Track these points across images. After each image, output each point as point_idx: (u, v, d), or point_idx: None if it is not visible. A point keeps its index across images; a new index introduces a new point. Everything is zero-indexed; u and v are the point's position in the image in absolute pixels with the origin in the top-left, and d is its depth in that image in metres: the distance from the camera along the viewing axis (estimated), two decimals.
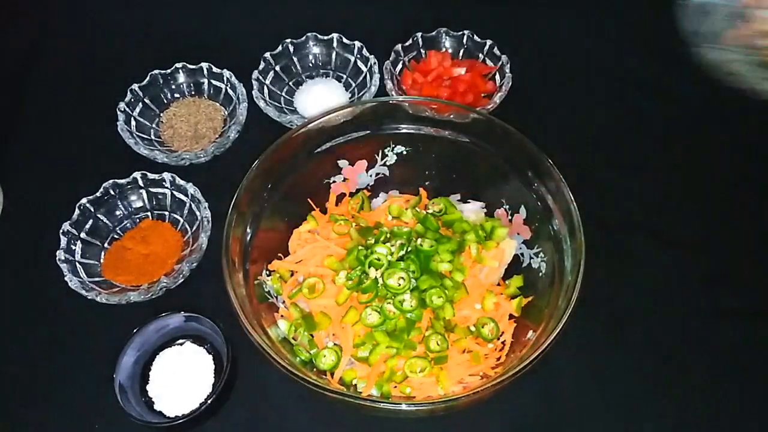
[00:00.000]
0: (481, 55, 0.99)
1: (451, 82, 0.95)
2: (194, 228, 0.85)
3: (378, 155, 0.83)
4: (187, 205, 0.86)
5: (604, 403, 0.75)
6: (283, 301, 0.76)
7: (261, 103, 0.93)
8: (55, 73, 1.05)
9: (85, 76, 1.04)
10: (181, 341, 0.76)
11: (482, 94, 0.96)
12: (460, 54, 1.00)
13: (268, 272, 0.77)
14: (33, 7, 1.14)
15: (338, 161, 0.82)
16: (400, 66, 0.97)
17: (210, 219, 0.83)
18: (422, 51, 0.99)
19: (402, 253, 0.73)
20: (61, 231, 0.81)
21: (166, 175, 0.86)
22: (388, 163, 0.83)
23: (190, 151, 0.92)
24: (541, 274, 0.75)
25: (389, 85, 0.93)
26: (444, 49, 1.00)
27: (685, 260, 0.85)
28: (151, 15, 1.13)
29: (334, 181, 0.83)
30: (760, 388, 0.76)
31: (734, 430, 0.74)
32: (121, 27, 1.12)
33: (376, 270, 0.72)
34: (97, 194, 0.84)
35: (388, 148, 0.82)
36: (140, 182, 0.87)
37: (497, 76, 0.96)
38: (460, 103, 0.91)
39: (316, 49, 1.01)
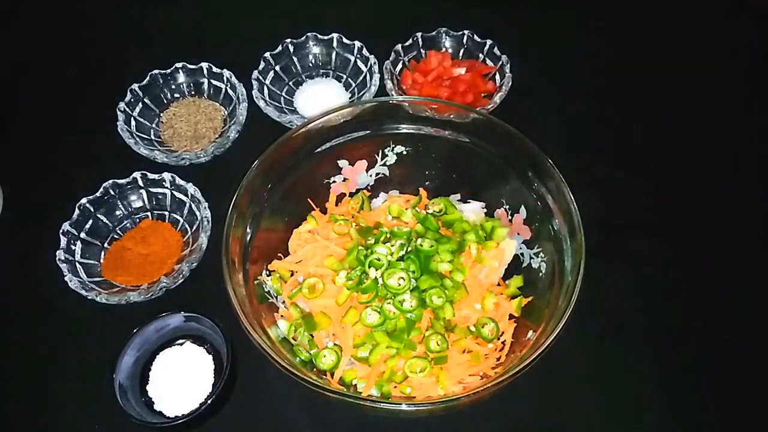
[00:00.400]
0: (481, 55, 0.99)
1: (451, 82, 0.95)
2: (194, 228, 0.85)
3: (378, 155, 0.83)
4: (187, 205, 0.86)
5: (604, 403, 0.75)
6: (283, 301, 0.76)
7: (261, 103, 0.93)
8: (54, 73, 1.05)
9: (85, 76, 1.04)
10: (181, 341, 0.76)
11: (482, 94, 0.96)
12: (460, 54, 1.00)
13: (268, 272, 0.77)
14: (33, 7, 1.14)
15: (338, 161, 0.82)
16: (400, 66, 0.97)
17: (210, 219, 0.83)
18: (422, 51, 0.99)
19: (402, 253, 0.73)
20: (61, 231, 0.81)
21: (166, 175, 0.86)
22: (388, 163, 0.83)
23: (190, 151, 0.92)
24: (541, 274, 0.75)
25: (389, 85, 0.93)
26: (444, 49, 1.00)
27: (685, 260, 0.85)
28: (151, 14, 1.13)
29: (334, 181, 0.83)
30: (761, 387, 0.76)
31: (734, 430, 0.74)
32: (121, 27, 1.12)
33: (376, 270, 0.72)
34: (97, 194, 0.84)
35: (388, 148, 0.82)
36: (140, 182, 0.87)
37: (497, 76, 0.96)
38: (460, 103, 0.91)
39: (316, 49, 1.01)
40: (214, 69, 0.97)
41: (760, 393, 0.76)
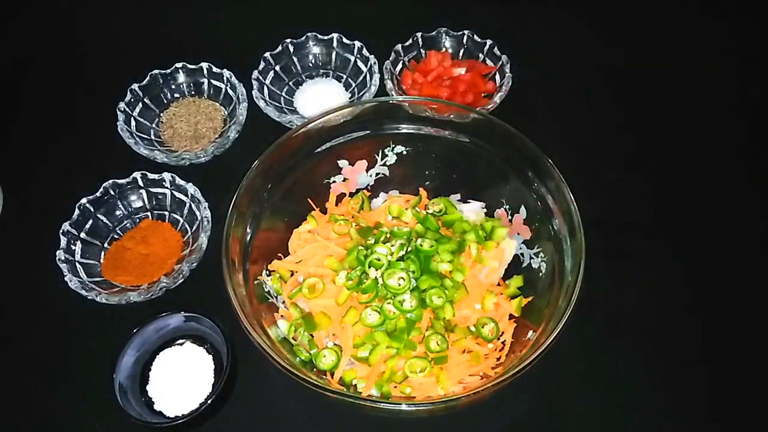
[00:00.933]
0: (481, 55, 0.99)
1: (451, 82, 0.95)
2: (194, 228, 0.85)
3: (378, 155, 0.83)
4: (187, 205, 0.86)
5: (603, 403, 0.75)
6: (283, 301, 0.76)
7: (261, 103, 0.93)
8: (54, 73, 1.05)
9: (85, 76, 1.04)
10: (181, 341, 0.76)
11: (482, 94, 0.95)
12: (460, 54, 1.00)
13: (268, 272, 0.77)
14: (32, 6, 1.14)
15: (338, 161, 0.82)
16: (400, 66, 0.97)
17: (210, 219, 0.83)
18: (422, 51, 0.99)
19: (402, 253, 0.73)
20: (61, 231, 0.81)
21: (166, 175, 0.86)
22: (388, 163, 0.83)
23: (190, 151, 0.92)
24: (541, 274, 0.75)
25: (389, 85, 0.93)
26: (444, 49, 1.00)
27: (685, 260, 0.85)
28: (151, 15, 1.13)
29: (334, 181, 0.83)
30: (761, 387, 0.76)
31: (734, 430, 0.74)
32: (121, 27, 1.12)
33: (376, 270, 0.72)
34: (97, 194, 0.84)
35: (388, 148, 0.82)
36: (140, 182, 0.87)
37: (497, 76, 0.96)
38: (460, 103, 0.91)
39: (316, 49, 1.01)
40: (214, 69, 0.97)
41: (761, 393, 0.75)
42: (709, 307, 0.81)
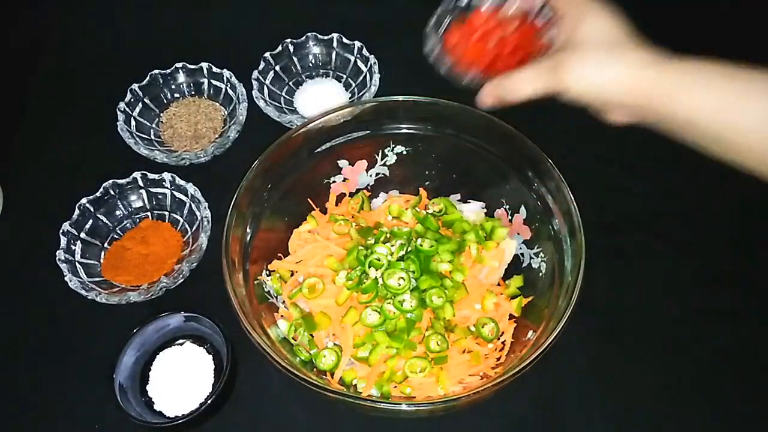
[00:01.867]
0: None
1: (497, 42, 0.88)
2: (194, 228, 0.85)
3: (378, 155, 0.83)
4: (187, 205, 0.86)
5: (604, 404, 0.75)
6: (283, 301, 0.76)
7: (261, 103, 0.93)
8: (55, 73, 1.05)
9: (84, 76, 1.04)
10: (181, 341, 0.76)
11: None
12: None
13: (268, 272, 0.77)
14: (33, 6, 1.14)
15: (338, 161, 0.82)
16: (445, 25, 0.86)
17: (210, 219, 0.83)
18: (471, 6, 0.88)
19: (402, 253, 0.73)
20: (61, 231, 0.81)
21: (166, 175, 0.86)
22: (388, 163, 0.83)
23: (190, 151, 0.92)
24: (541, 274, 0.75)
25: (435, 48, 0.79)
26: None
27: (685, 260, 0.85)
28: (151, 15, 1.13)
29: (334, 181, 0.83)
30: (760, 388, 0.76)
31: (735, 430, 0.74)
32: (121, 27, 1.12)
33: (376, 270, 0.72)
34: (97, 194, 0.84)
35: (388, 148, 0.82)
36: (140, 182, 0.87)
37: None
38: (506, 65, 0.83)
39: (316, 49, 1.01)
40: (214, 69, 0.97)
41: (760, 393, 0.75)
42: (709, 307, 0.81)
